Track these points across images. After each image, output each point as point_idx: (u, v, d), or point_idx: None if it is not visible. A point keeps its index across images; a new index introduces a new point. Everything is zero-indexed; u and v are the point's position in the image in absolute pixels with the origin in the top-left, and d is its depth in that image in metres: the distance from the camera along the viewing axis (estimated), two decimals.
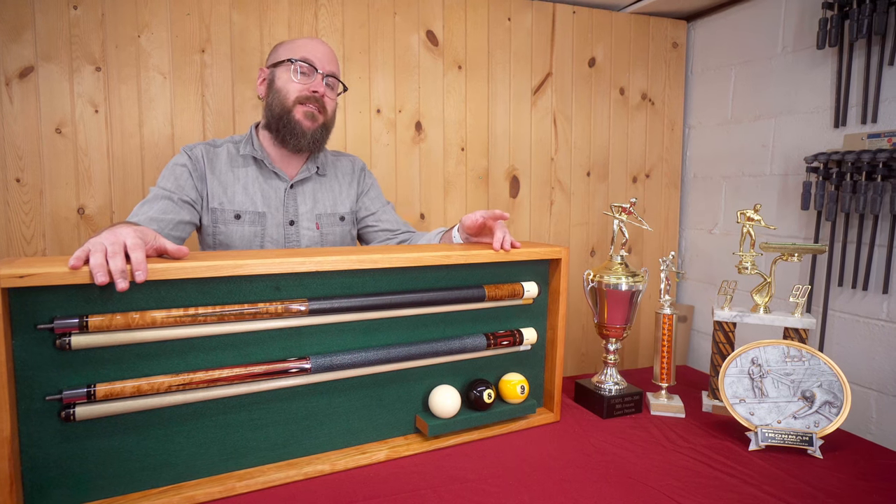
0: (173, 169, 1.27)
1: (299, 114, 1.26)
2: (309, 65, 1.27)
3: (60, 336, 0.76)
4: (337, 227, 1.40)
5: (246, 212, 1.30)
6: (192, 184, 1.27)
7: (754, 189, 2.18)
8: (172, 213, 1.22)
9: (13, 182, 1.64)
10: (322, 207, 1.38)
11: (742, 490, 0.90)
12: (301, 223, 1.34)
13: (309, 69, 1.27)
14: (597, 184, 2.38)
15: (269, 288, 0.89)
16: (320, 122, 1.29)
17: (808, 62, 1.96)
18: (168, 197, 1.23)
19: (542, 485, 0.91)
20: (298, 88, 1.27)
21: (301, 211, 1.34)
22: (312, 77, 1.28)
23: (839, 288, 1.87)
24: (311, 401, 0.95)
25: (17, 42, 1.61)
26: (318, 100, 1.27)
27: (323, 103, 1.29)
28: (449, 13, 2.07)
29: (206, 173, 1.29)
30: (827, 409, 1.06)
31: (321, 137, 1.31)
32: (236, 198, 1.29)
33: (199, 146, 1.32)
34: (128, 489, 0.83)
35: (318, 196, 1.38)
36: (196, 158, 1.30)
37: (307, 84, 1.27)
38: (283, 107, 1.27)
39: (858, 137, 1.76)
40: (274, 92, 1.29)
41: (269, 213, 1.31)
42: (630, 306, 1.20)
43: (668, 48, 2.43)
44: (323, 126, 1.31)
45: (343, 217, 1.41)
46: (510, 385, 1.10)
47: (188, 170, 1.27)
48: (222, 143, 1.35)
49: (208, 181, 1.29)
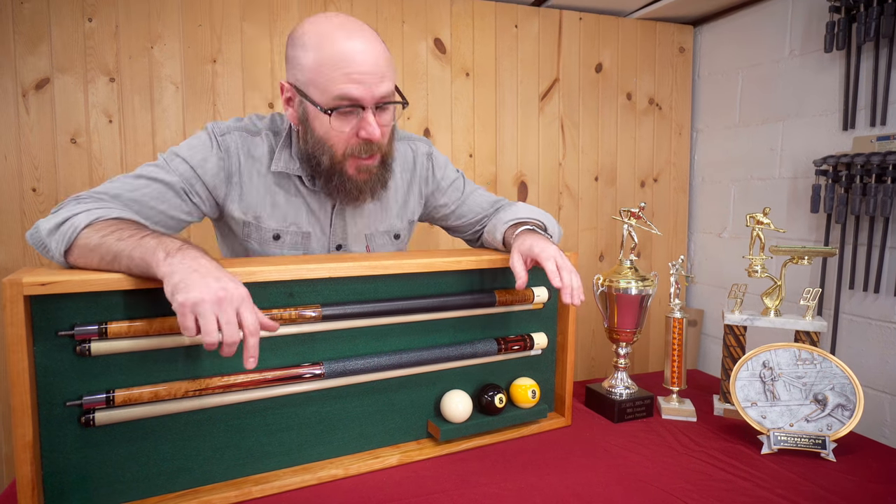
0: (191, 157, 1.01)
1: (351, 169, 1.00)
2: (352, 104, 0.94)
3: (81, 342, 0.77)
4: (391, 247, 1.18)
5: (287, 231, 1.07)
6: (214, 183, 1.03)
7: (763, 192, 2.18)
8: (167, 206, 0.98)
9: (29, 192, 1.67)
10: (374, 225, 1.15)
11: (755, 494, 0.90)
12: (350, 247, 1.13)
13: (353, 108, 0.95)
14: (605, 189, 2.39)
15: (282, 294, 0.90)
16: (376, 164, 1.01)
17: (816, 65, 1.96)
18: (170, 185, 0.99)
19: (555, 489, 0.91)
20: (346, 137, 0.97)
21: (350, 233, 1.12)
22: (358, 114, 0.96)
23: (850, 291, 1.86)
24: (325, 406, 0.96)
25: (34, 54, 1.65)
26: (371, 146, 0.98)
27: (379, 144, 0.99)
28: (456, 21, 2.09)
29: (234, 173, 1.04)
30: (840, 412, 1.05)
31: (383, 178, 1.05)
32: (277, 211, 1.06)
33: (235, 135, 1.04)
34: (146, 493, 0.84)
35: (370, 211, 1.14)
36: (227, 151, 1.03)
37: (354, 127, 0.97)
38: (331, 162, 1.00)
39: (868, 140, 1.76)
40: (310, 133, 0.99)
41: (313, 235, 1.09)
42: (640, 310, 1.20)
43: (675, 53, 2.44)
44: (381, 165, 1.03)
45: (398, 235, 1.19)
46: (521, 389, 1.11)
47: (212, 165, 1.02)
48: (261, 130, 1.06)
49: (243, 184, 1.04)
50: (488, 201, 1.28)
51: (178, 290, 0.70)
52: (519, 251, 0.99)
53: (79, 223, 0.83)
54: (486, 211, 1.27)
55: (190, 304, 0.69)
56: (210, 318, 0.69)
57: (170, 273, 0.72)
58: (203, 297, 0.69)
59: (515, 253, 1.00)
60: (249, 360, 0.73)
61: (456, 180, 1.27)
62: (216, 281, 0.71)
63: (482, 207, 1.26)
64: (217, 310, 0.70)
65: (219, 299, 0.70)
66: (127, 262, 0.77)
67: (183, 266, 0.72)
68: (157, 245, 0.75)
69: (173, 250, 0.75)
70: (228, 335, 0.70)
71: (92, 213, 0.85)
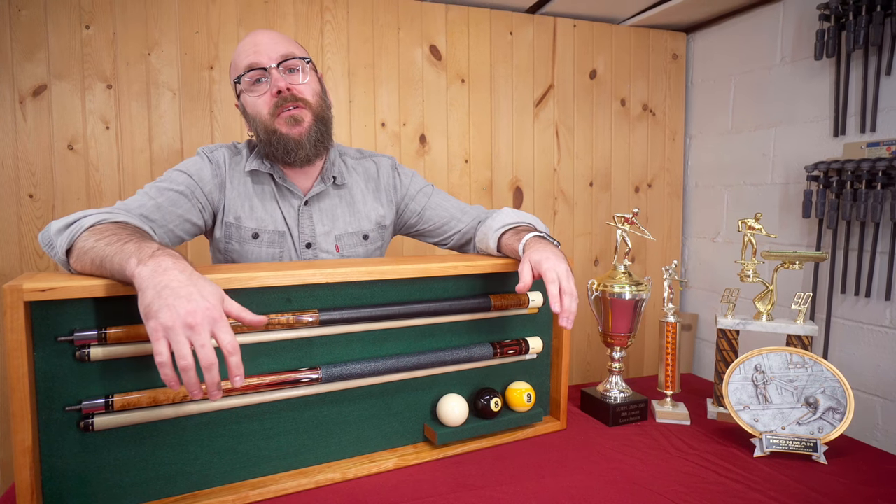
0: (188, 169, 1.12)
1: (281, 126, 1.08)
2: (256, 69, 1.08)
3: (80, 348, 0.78)
4: (360, 248, 1.22)
5: (265, 230, 1.14)
6: (210, 189, 1.12)
7: (756, 198, 2.20)
8: (183, 210, 1.07)
9: (26, 198, 1.67)
10: (342, 226, 1.20)
11: (748, 496, 0.92)
12: (319, 245, 1.18)
13: (258, 72, 1.08)
14: (599, 194, 2.41)
15: (280, 299, 0.91)
16: (308, 119, 1.10)
17: (807, 72, 1.99)
18: (181, 192, 1.08)
19: (550, 491, 0.92)
20: (265, 101, 1.09)
21: (318, 232, 1.18)
22: (266, 78, 1.08)
23: (842, 295, 1.88)
24: (322, 410, 0.97)
25: (31, 61, 1.65)
26: (287, 98, 1.08)
27: (296, 95, 1.09)
28: (452, 28, 2.11)
29: (226, 181, 1.14)
30: (830, 415, 1.07)
31: (320, 134, 1.12)
32: (255, 213, 1.14)
33: (221, 149, 1.17)
34: (145, 497, 0.85)
35: (336, 213, 1.21)
36: (217, 163, 1.14)
37: (266, 89, 1.08)
38: (265, 128, 1.10)
39: (858, 146, 1.78)
40: (251, 120, 1.12)
41: (287, 234, 1.16)
42: (634, 315, 1.21)
43: (668, 60, 2.47)
44: (315, 121, 1.11)
45: (367, 235, 1.23)
46: (517, 393, 1.12)
47: (207, 175, 1.12)
48: (241, 150, 1.19)
49: (227, 191, 1.14)
50: (457, 206, 1.31)
51: (149, 313, 0.68)
52: (530, 261, 1.00)
53: (84, 224, 0.85)
54: (455, 215, 1.29)
55: (162, 328, 0.67)
56: (182, 342, 0.67)
57: (141, 288, 0.70)
58: (174, 324, 0.67)
59: (526, 262, 1.00)
60: (235, 380, 0.71)
61: (424, 188, 1.31)
62: (188, 301, 0.68)
63: (450, 213, 1.30)
64: (190, 334, 0.68)
65: (189, 326, 0.67)
66: (110, 268, 0.77)
67: (154, 281, 0.70)
68: (133, 251, 0.75)
69: (146, 257, 0.73)
70: (204, 358, 0.68)
71: (99, 216, 0.88)
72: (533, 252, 1.01)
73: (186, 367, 0.68)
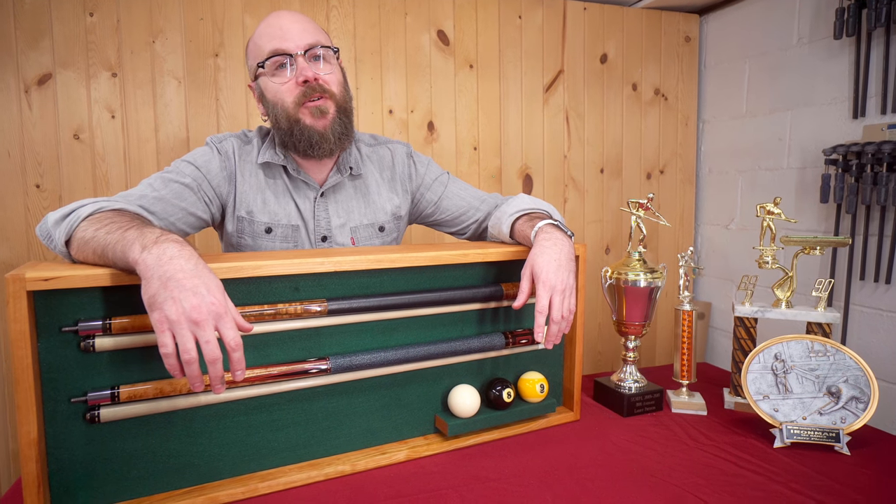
0: (196, 160, 1.09)
1: (306, 117, 1.06)
2: (281, 54, 1.05)
3: (85, 338, 0.76)
4: (376, 240, 1.20)
5: (278, 224, 1.12)
6: (218, 182, 1.10)
7: (771, 183, 2.15)
8: (188, 203, 1.05)
9: (33, 188, 1.66)
10: (357, 218, 1.18)
11: (769, 488, 0.89)
12: (335, 238, 1.15)
13: (283, 58, 1.05)
14: (610, 181, 2.37)
15: (288, 289, 0.89)
16: (332, 110, 1.08)
17: (825, 53, 1.93)
18: (187, 185, 1.05)
19: (565, 484, 0.90)
20: (289, 89, 1.06)
21: (334, 224, 1.15)
22: (293, 66, 1.06)
23: (861, 282, 1.84)
24: (331, 401, 0.95)
25: (36, 49, 1.63)
26: (315, 88, 1.05)
27: (323, 86, 1.06)
28: (460, 12, 2.07)
29: (235, 173, 1.11)
30: (854, 405, 1.04)
31: (344, 126, 1.10)
32: (268, 206, 1.12)
33: (230, 139, 1.13)
34: (152, 490, 0.84)
35: (351, 205, 1.18)
36: (227, 154, 1.11)
37: (293, 77, 1.05)
38: (287, 118, 1.07)
39: (878, 128, 1.73)
40: (270, 106, 1.09)
41: (301, 227, 1.14)
42: (649, 303, 1.18)
43: (681, 42, 2.41)
44: (338, 112, 1.09)
45: (382, 227, 1.21)
46: (529, 384, 1.10)
47: (216, 167, 1.10)
48: (251, 139, 1.16)
49: (238, 183, 1.11)
50: (475, 195, 1.28)
51: (154, 304, 0.68)
52: (532, 268, 0.97)
53: (81, 214, 0.83)
54: (473, 204, 1.26)
55: (166, 321, 0.68)
56: (187, 336, 0.68)
57: (146, 277, 0.69)
58: (178, 319, 0.67)
59: (527, 269, 0.98)
60: (237, 374, 0.72)
61: (441, 176, 1.28)
62: (193, 295, 0.68)
63: (467, 202, 1.26)
64: (194, 329, 0.68)
65: (194, 321, 0.68)
66: (112, 257, 0.75)
67: (160, 271, 0.69)
68: (136, 237, 0.73)
69: (149, 243, 0.72)
70: (208, 353, 0.69)
71: (96, 204, 0.86)
72: (538, 255, 0.97)
73: (190, 360, 0.68)
